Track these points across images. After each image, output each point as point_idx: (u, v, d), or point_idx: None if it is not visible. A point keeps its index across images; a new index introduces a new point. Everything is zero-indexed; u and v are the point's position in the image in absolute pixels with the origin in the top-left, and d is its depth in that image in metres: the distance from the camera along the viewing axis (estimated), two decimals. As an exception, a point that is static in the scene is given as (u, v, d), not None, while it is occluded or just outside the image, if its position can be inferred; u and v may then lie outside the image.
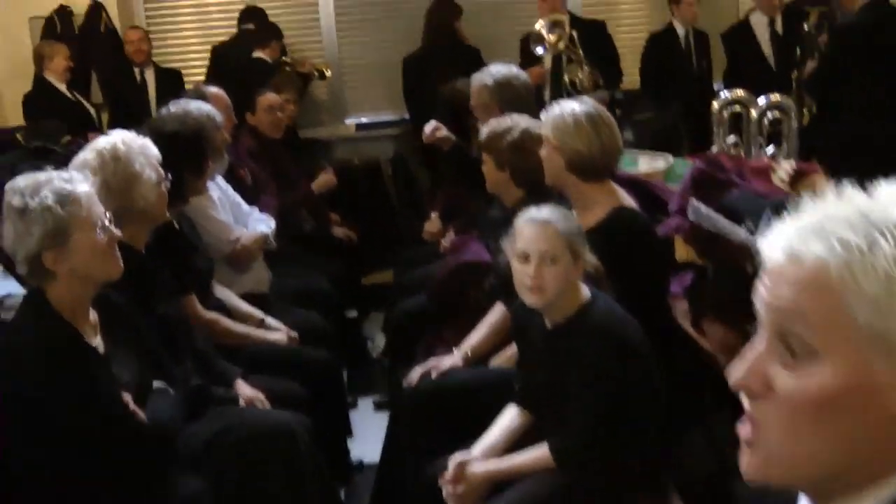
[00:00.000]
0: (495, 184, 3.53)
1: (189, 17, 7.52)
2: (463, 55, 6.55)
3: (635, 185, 3.71)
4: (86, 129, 6.33)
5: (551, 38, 5.41)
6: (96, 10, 6.93)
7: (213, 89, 4.45)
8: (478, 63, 6.35)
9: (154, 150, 2.98)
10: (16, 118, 6.58)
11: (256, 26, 6.95)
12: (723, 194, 3.26)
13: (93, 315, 2.49)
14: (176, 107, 3.90)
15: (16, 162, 4.59)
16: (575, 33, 5.73)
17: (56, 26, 6.88)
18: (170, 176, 3.01)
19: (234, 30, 7.06)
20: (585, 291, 2.53)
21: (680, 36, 6.93)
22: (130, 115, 6.71)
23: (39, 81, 6.48)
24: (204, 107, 3.92)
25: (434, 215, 5.08)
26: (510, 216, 3.40)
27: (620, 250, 2.79)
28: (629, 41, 7.50)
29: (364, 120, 7.53)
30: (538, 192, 3.33)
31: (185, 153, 3.38)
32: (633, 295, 2.70)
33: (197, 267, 3.47)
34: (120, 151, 2.85)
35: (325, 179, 5.47)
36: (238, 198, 4.23)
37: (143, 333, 2.66)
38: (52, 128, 5.19)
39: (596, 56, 5.93)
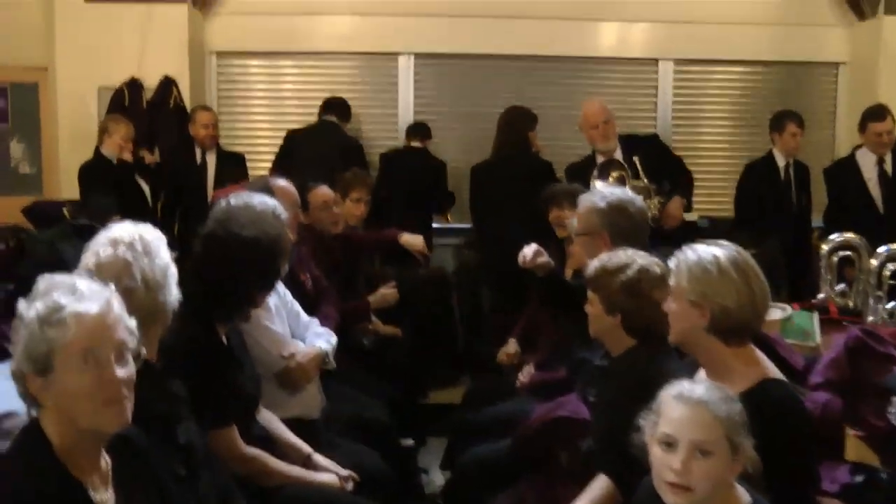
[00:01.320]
0: (601, 328, 2.99)
1: (261, 102, 7.23)
2: (535, 168, 6.07)
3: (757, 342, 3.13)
4: (135, 207, 5.97)
5: (612, 179, 4.96)
6: (167, 86, 6.61)
7: (282, 182, 3.99)
8: (549, 178, 5.91)
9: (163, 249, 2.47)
10: (70, 194, 6.20)
11: (338, 118, 6.60)
12: (882, 370, 2.67)
13: (104, 461, 1.95)
14: (238, 200, 3.43)
15: (56, 239, 4.15)
16: (636, 159, 5.31)
17: (125, 98, 6.57)
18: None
19: (310, 118, 6.74)
20: (744, 496, 1.95)
21: (780, 167, 6.41)
22: (185, 196, 6.38)
23: (96, 154, 6.12)
24: (269, 202, 3.45)
25: (512, 341, 4.55)
26: (618, 369, 2.89)
27: (769, 434, 2.20)
28: (721, 168, 7.17)
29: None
30: (652, 343, 2.83)
31: (261, 264, 2.91)
32: (782, 492, 2.12)
33: (244, 391, 2.94)
34: (149, 242, 2.37)
35: (385, 295, 4.93)
36: (297, 306, 3.72)
37: (165, 485, 2.11)
38: (102, 205, 4.77)
39: (660, 170, 5.53)
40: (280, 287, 3.64)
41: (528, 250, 3.56)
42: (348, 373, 4.16)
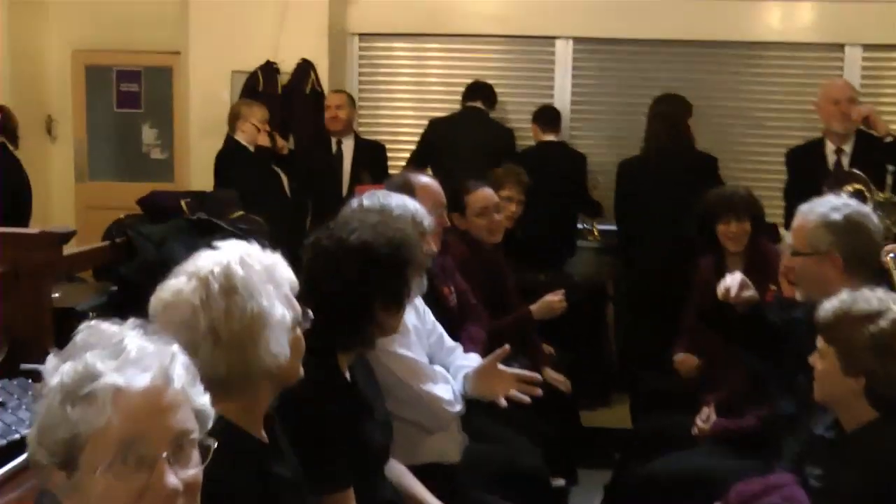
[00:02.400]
0: (833, 392, 2.29)
1: (405, 87, 6.67)
2: (693, 163, 5.32)
3: None
4: (272, 198, 5.50)
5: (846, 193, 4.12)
6: (304, 70, 6.14)
7: (424, 179, 3.40)
8: (711, 174, 5.15)
9: (287, 273, 1.87)
10: (201, 181, 5.79)
11: (484, 104, 5.98)
12: None
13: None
14: (372, 200, 2.87)
15: (169, 235, 3.66)
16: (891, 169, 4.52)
17: (259, 83, 6.14)
18: (310, 314, 1.90)
19: (456, 105, 6.15)
20: None
21: None
22: (317, 187, 5.88)
23: (229, 142, 5.69)
24: (410, 205, 2.86)
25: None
26: (857, 449, 2.19)
27: None
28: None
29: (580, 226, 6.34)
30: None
31: (378, 275, 2.29)
32: None
33: (373, 443, 2.34)
34: (236, 277, 1.75)
35: (552, 303, 4.15)
36: (440, 328, 3.11)
37: None
38: (222, 198, 4.27)
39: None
40: (419, 304, 3.04)
41: (733, 281, 2.84)
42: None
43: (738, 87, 6.36)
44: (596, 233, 6.28)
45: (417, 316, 2.99)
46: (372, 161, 5.87)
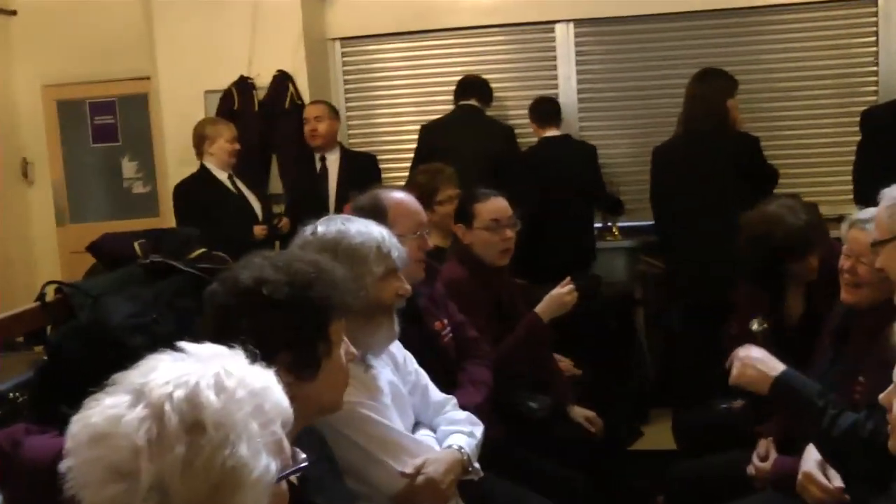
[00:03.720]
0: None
1: (397, 91, 6.11)
2: (735, 146, 4.67)
3: None
4: (248, 229, 4.97)
5: None
6: (282, 82, 5.61)
7: (397, 196, 2.84)
8: (754, 158, 4.54)
9: (281, 400, 1.26)
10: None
11: (479, 101, 5.42)
12: None
13: None
14: (328, 226, 2.33)
15: (112, 287, 3.10)
16: None
17: (234, 101, 5.61)
18: (303, 458, 1.31)
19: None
20: None
21: None
22: (303, 211, 5.32)
23: (200, 170, 5.17)
24: (375, 232, 2.31)
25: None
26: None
27: None
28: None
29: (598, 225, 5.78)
30: None
31: (278, 329, 1.69)
32: None
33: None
34: (207, 410, 1.15)
35: (560, 296, 3.44)
36: (424, 379, 2.55)
37: None
38: (180, 235, 3.71)
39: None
40: (398, 352, 2.49)
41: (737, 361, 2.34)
42: (510, 459, 2.95)
43: (761, 57, 5.75)
44: (616, 231, 5.70)
45: (395, 369, 2.43)
46: (363, 175, 5.30)
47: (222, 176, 5.13)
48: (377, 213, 2.71)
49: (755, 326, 3.23)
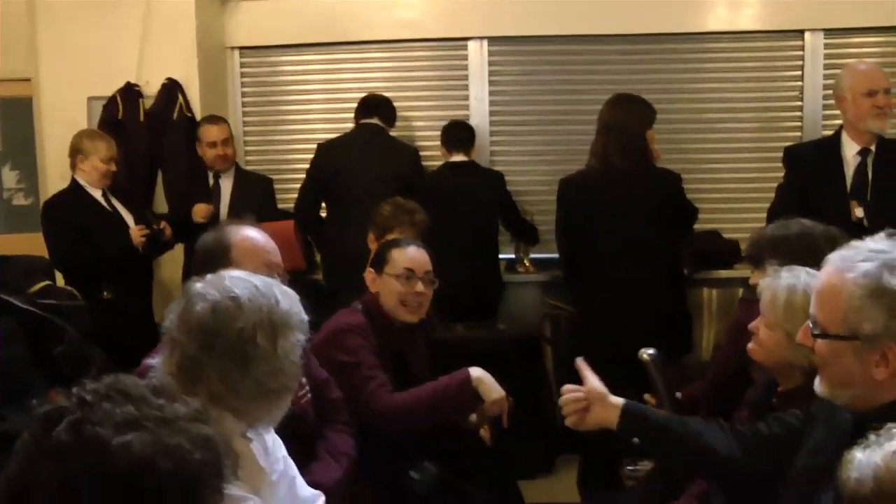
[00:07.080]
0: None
1: (305, 108, 5.74)
2: (658, 186, 4.31)
3: None
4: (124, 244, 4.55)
5: None
6: (171, 91, 5.19)
7: (242, 234, 2.46)
8: (676, 197, 4.27)
9: None
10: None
11: (382, 120, 5.07)
12: None
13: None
14: (209, 289, 1.84)
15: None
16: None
17: (118, 109, 5.18)
18: None
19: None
20: None
21: None
22: (191, 233, 4.91)
23: (72, 184, 4.74)
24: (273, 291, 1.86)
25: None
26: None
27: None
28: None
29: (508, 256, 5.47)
30: None
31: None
32: None
33: None
34: None
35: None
36: (292, 470, 2.13)
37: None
38: (22, 265, 3.29)
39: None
40: (267, 434, 2.05)
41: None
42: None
43: (682, 86, 5.54)
44: (528, 264, 5.39)
45: (264, 452, 2.01)
46: (256, 198, 4.92)
47: (96, 193, 4.68)
48: (219, 250, 2.35)
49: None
